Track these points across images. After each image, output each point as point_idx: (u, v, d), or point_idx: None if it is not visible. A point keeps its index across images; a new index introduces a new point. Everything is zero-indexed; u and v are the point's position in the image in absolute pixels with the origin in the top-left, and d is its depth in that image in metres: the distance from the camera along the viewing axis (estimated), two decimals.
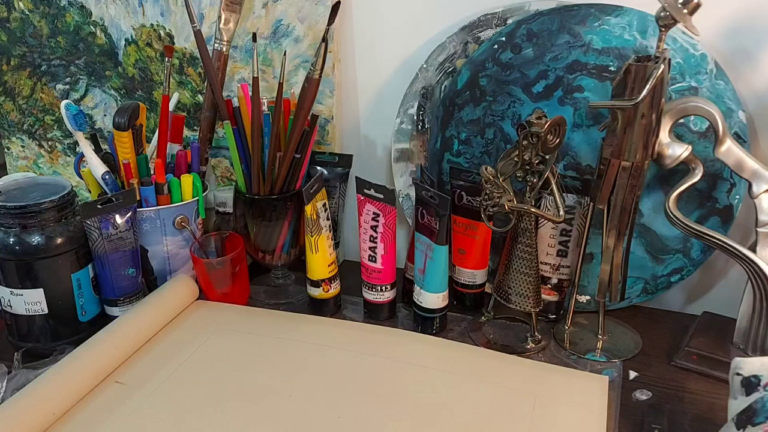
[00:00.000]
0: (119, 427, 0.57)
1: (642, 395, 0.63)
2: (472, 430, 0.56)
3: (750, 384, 0.50)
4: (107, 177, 0.74)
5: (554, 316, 0.75)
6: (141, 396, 0.61)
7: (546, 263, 0.73)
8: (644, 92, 0.59)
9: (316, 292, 0.76)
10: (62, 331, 0.70)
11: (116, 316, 0.71)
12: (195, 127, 0.93)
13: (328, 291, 0.76)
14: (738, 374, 0.51)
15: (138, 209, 0.73)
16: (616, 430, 0.58)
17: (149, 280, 0.78)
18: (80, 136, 0.73)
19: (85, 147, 0.74)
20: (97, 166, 0.74)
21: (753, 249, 0.64)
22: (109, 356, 0.64)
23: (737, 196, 0.70)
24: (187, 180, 0.76)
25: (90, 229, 0.70)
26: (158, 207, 0.75)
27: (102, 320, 0.72)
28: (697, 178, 0.65)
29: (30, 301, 0.68)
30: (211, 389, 0.62)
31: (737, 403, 0.50)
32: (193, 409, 0.59)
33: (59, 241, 0.68)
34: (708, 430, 0.57)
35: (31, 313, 0.69)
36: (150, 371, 0.65)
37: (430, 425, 0.57)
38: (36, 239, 0.67)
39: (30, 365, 0.67)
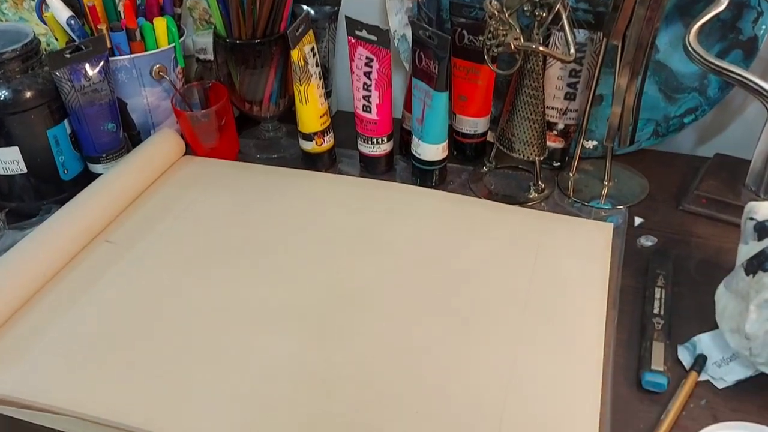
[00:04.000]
0: (112, 286, 0.56)
1: (647, 241, 0.61)
2: (473, 282, 0.55)
3: (764, 229, 0.48)
4: (72, 22, 0.67)
5: (559, 164, 0.72)
6: (133, 255, 0.60)
7: (552, 107, 0.69)
8: None
9: (308, 146, 0.72)
10: (45, 190, 0.68)
11: (100, 174, 0.68)
12: None
13: (322, 144, 0.72)
14: (752, 219, 0.49)
15: (110, 58, 0.68)
16: (620, 277, 0.57)
17: (132, 135, 0.74)
18: None
19: None
20: (59, 10, 0.67)
21: None
22: (98, 215, 0.63)
23: (763, 26, 0.64)
24: (160, 24, 0.70)
25: (60, 81, 0.65)
26: (132, 55, 0.69)
27: (86, 178, 0.69)
28: (722, 7, 0.58)
29: (6, 160, 0.65)
30: (203, 246, 0.60)
31: (748, 248, 0.49)
32: (185, 266, 0.58)
33: (28, 95, 0.63)
34: (714, 274, 0.56)
35: (9, 173, 0.66)
36: (141, 230, 0.63)
37: (430, 278, 0.56)
38: (2, 93, 0.62)
39: (16, 225, 0.65)
